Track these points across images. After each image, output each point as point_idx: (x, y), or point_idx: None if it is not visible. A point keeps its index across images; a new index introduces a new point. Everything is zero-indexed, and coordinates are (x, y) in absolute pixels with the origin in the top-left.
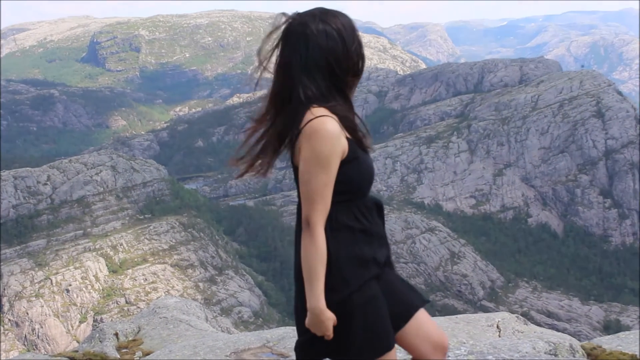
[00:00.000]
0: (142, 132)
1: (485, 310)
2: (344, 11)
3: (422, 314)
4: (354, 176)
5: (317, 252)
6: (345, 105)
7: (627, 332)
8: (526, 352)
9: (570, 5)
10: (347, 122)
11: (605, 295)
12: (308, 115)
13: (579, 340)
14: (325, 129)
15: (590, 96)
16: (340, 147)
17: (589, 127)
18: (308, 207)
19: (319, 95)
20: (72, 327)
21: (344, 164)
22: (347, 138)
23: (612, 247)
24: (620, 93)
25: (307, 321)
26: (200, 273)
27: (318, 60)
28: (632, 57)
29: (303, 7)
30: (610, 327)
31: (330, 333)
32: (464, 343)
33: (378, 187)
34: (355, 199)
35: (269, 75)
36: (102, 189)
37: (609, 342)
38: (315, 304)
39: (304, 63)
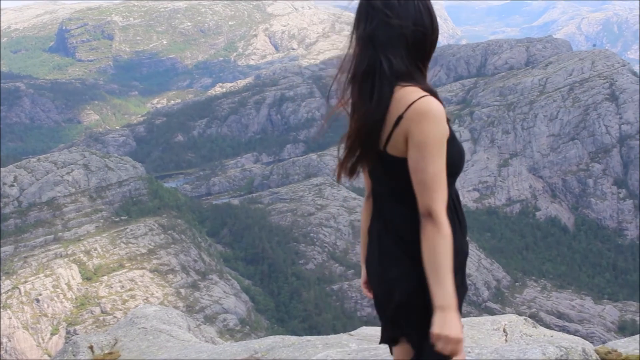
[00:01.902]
0: (117, 127)
1: (491, 312)
2: None
3: None
4: (454, 156)
5: (446, 243)
6: (427, 83)
7: None
8: (535, 359)
9: None
10: (438, 100)
11: (620, 293)
12: (402, 95)
13: (593, 343)
14: (435, 109)
15: (603, 78)
16: (446, 128)
17: (601, 111)
18: (427, 196)
19: (406, 72)
20: (42, 340)
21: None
22: None
23: (628, 242)
24: (635, 74)
25: (437, 322)
26: (182, 278)
27: (405, 33)
28: None
29: None
30: (626, 328)
31: (461, 348)
32: (468, 351)
33: None
34: (452, 183)
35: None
36: (73, 189)
37: (625, 346)
38: (449, 302)
39: (389, 36)
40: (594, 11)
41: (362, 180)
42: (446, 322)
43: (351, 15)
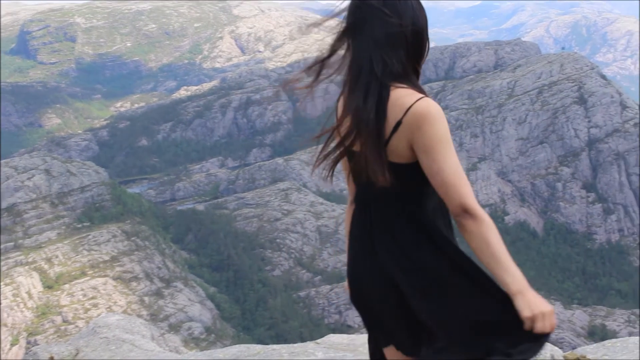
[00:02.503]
0: (79, 131)
1: None
2: None
3: None
4: None
5: (494, 231)
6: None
7: (613, 340)
8: None
9: None
10: None
11: (589, 298)
12: (397, 97)
13: (562, 349)
14: (434, 110)
15: (572, 81)
16: (447, 124)
17: (570, 114)
18: (455, 193)
19: (402, 73)
20: (2, 350)
21: None
22: None
23: (597, 246)
24: (604, 77)
25: (524, 306)
26: (146, 286)
27: (404, 33)
28: (616, 37)
29: None
30: (596, 333)
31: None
32: None
33: (341, 186)
34: None
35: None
36: (34, 195)
37: (594, 352)
38: (523, 284)
39: (388, 36)
40: (563, 14)
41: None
42: (532, 302)
43: (318, 18)
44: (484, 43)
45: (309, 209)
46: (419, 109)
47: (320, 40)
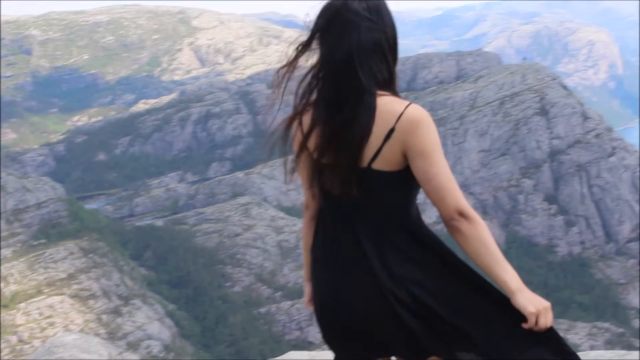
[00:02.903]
0: (35, 146)
1: None
2: (257, 1)
3: None
4: None
5: (488, 232)
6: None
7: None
8: None
9: None
10: None
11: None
12: (383, 105)
13: None
14: (426, 113)
15: (534, 92)
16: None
17: (532, 126)
18: (451, 197)
19: (386, 80)
20: None
21: None
22: None
23: (559, 258)
24: (565, 87)
25: (526, 303)
26: (104, 304)
27: (387, 38)
28: (578, 47)
29: (212, 1)
30: None
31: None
32: None
33: (302, 200)
34: (415, 197)
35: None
36: None
37: None
38: (520, 283)
39: (374, 42)
40: (525, 24)
41: (291, 198)
42: (533, 298)
43: (278, 29)
44: (445, 54)
45: (270, 224)
46: (412, 115)
47: (281, 52)
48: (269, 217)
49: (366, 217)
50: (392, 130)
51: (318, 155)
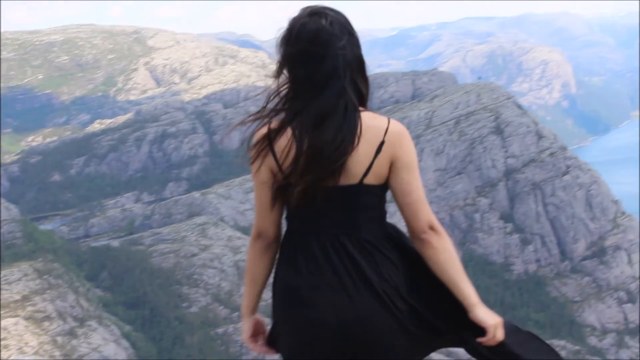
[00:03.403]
0: None
1: None
2: (213, 21)
3: None
4: None
5: (453, 246)
6: None
7: None
8: None
9: (466, 11)
10: None
11: None
12: (365, 120)
13: None
14: (406, 129)
15: (489, 111)
16: None
17: (487, 144)
18: (425, 211)
19: (364, 97)
20: None
21: None
22: None
23: (514, 277)
24: (520, 106)
25: (486, 316)
26: (59, 326)
27: (362, 55)
28: (532, 66)
29: (167, 21)
30: None
31: None
32: None
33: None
34: None
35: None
36: None
37: None
38: (479, 298)
39: (357, 58)
40: (479, 43)
41: (248, 218)
42: (490, 312)
43: (234, 48)
44: (401, 73)
45: (227, 244)
46: (397, 128)
47: (237, 72)
48: (226, 237)
49: (356, 234)
50: (382, 143)
51: (300, 175)
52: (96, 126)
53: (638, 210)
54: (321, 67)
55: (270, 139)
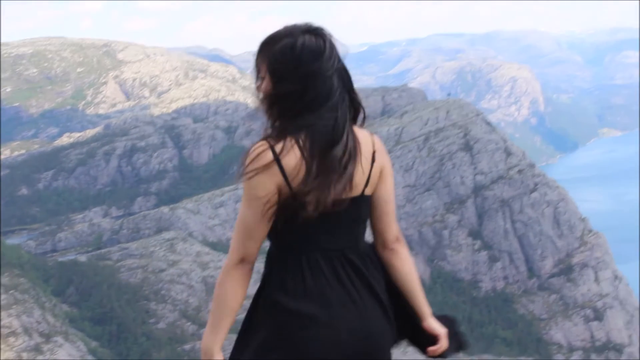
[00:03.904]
0: None
1: None
2: (183, 35)
3: None
4: None
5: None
6: None
7: None
8: None
9: (435, 28)
10: None
11: (475, 346)
12: (357, 131)
13: None
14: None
15: (458, 127)
16: None
17: (456, 161)
18: (396, 222)
19: (357, 112)
20: None
21: None
22: None
23: (482, 294)
24: (489, 123)
25: (438, 325)
26: (24, 341)
27: (348, 72)
28: (501, 83)
29: (137, 34)
30: None
31: None
32: None
33: (228, 235)
34: None
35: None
36: None
37: None
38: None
39: (348, 73)
40: (448, 60)
41: (217, 233)
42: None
43: (204, 63)
44: (371, 89)
45: (195, 259)
46: (377, 137)
47: (207, 86)
48: (195, 253)
49: (357, 247)
50: (374, 152)
51: (313, 188)
52: (65, 140)
53: (605, 227)
54: (326, 83)
55: (275, 153)
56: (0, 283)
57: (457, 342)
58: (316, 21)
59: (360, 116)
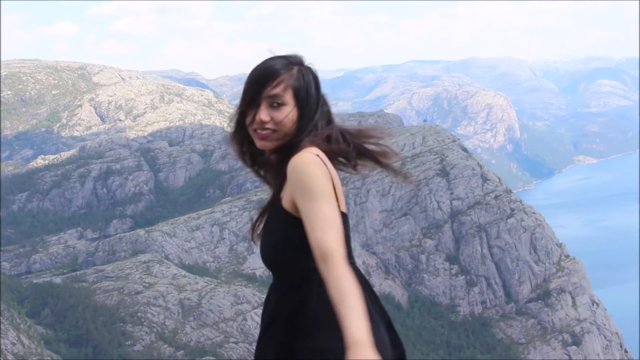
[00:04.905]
0: None
1: None
2: (159, 59)
3: None
4: None
5: None
6: None
7: None
8: None
9: (411, 54)
10: None
11: None
12: None
13: None
14: None
15: (434, 153)
16: None
17: (433, 186)
18: None
19: None
20: None
21: None
22: None
23: (460, 318)
24: (465, 150)
25: None
26: None
27: None
28: (477, 110)
29: (112, 58)
30: None
31: None
32: None
33: (204, 258)
34: None
35: None
36: None
37: None
38: None
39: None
40: (424, 86)
41: (193, 256)
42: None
43: (180, 86)
44: (347, 114)
45: (171, 282)
46: None
47: (183, 110)
48: (171, 275)
49: None
50: None
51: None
52: (39, 162)
53: (581, 253)
54: (325, 101)
55: (322, 160)
56: None
57: None
58: (292, 46)
59: None
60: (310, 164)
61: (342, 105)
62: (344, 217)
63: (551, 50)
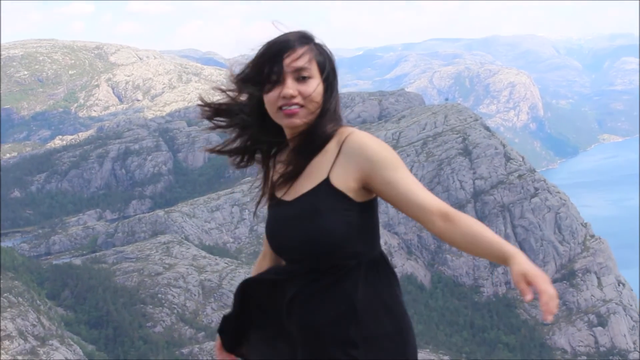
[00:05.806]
0: None
1: None
2: (176, 38)
3: None
4: None
5: None
6: None
7: None
8: None
9: (431, 33)
10: None
11: (477, 352)
12: None
13: None
14: None
15: (456, 132)
16: None
17: (455, 166)
18: None
19: None
20: None
21: None
22: None
23: (484, 299)
24: (487, 128)
25: None
26: (19, 345)
27: None
28: (499, 88)
29: (129, 37)
30: None
31: None
32: None
33: (224, 239)
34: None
35: None
36: None
37: None
38: None
39: None
40: (446, 65)
41: (213, 237)
42: None
43: (198, 66)
44: (367, 93)
45: (192, 263)
46: None
47: (201, 90)
48: (191, 256)
49: None
50: None
51: None
52: (57, 142)
53: (607, 233)
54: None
55: None
56: None
57: None
58: (311, 25)
59: None
60: (375, 138)
61: (362, 84)
62: (375, 199)
63: (574, 27)
